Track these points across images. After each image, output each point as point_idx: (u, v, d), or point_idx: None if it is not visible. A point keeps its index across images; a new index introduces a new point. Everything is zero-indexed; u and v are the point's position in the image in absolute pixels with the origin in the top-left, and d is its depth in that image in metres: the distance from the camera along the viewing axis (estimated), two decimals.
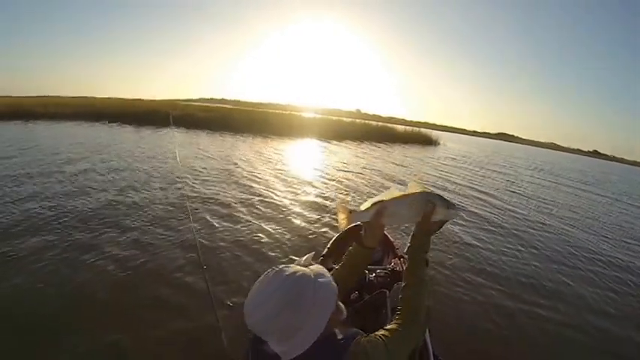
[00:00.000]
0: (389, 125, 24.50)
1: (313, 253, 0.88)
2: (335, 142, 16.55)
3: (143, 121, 16.20)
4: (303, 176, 7.55)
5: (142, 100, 23.80)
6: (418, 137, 23.03)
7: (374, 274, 1.94)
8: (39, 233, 3.53)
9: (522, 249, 4.71)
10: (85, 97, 30.41)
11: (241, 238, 3.83)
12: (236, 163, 8.17)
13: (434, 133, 25.17)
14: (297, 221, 4.59)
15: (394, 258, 2.40)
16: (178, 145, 9.61)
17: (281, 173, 7.57)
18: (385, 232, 2.92)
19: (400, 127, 24.26)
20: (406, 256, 2.50)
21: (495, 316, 2.95)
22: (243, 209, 4.84)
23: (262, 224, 4.32)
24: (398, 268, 2.14)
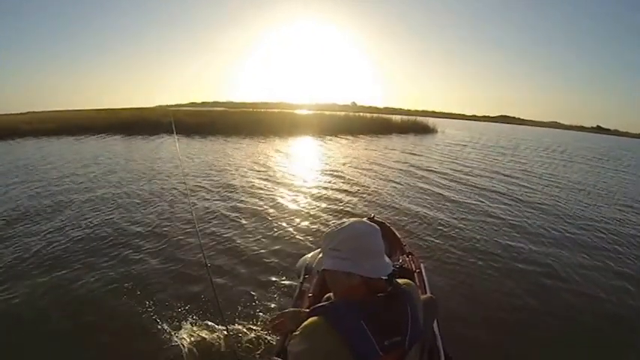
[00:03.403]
0: (385, 116, 24.36)
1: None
2: (329, 138, 16.40)
3: (135, 130, 16.16)
4: (300, 178, 7.52)
5: (128, 108, 23.86)
6: (415, 126, 22.92)
7: None
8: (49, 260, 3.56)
9: (543, 237, 4.36)
10: (72, 110, 30.29)
11: (246, 245, 3.86)
12: (234, 169, 8.13)
13: (431, 121, 25.01)
14: (303, 224, 4.60)
15: (402, 255, 2.38)
16: (170, 152, 9.49)
17: (279, 177, 7.48)
18: (393, 228, 2.93)
19: (397, 118, 24.09)
20: (414, 253, 2.49)
21: (512, 309, 2.75)
22: (246, 216, 4.85)
23: (270, 230, 4.32)
24: (406, 265, 2.14)
